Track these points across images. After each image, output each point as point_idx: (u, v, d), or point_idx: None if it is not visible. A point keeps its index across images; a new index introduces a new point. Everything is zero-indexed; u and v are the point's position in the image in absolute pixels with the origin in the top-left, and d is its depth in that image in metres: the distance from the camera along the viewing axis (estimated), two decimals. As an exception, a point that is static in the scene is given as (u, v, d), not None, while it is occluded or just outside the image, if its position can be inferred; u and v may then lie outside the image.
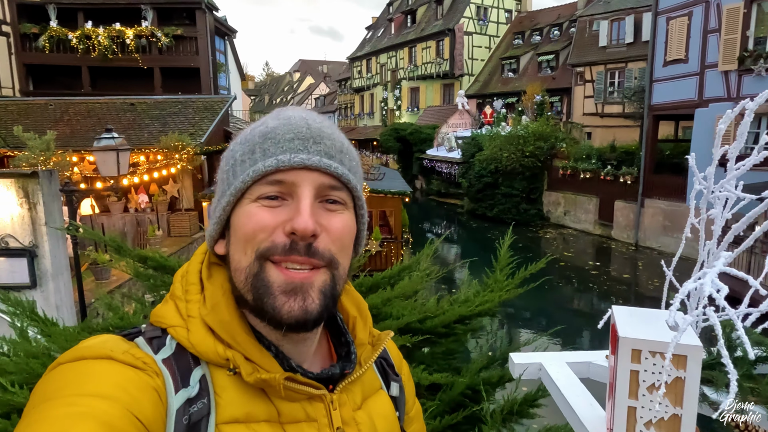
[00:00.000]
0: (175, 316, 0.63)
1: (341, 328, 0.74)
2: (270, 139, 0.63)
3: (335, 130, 0.68)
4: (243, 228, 0.61)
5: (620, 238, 17.85)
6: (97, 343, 0.58)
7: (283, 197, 0.62)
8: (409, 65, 35.80)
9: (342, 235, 0.63)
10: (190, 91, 15.67)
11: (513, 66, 29.86)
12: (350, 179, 0.64)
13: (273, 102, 71.40)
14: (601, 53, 23.28)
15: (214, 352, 0.60)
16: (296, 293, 0.60)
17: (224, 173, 0.66)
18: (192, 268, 0.68)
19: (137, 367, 0.56)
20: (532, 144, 20.34)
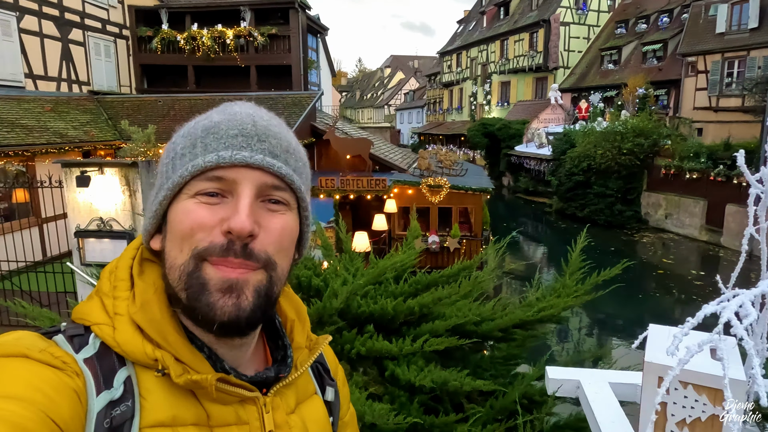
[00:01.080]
0: (100, 314, 0.60)
1: (279, 332, 0.72)
2: (213, 133, 0.61)
3: (283, 128, 0.66)
4: (180, 225, 0.60)
5: (731, 246, 16.05)
6: (10, 340, 0.54)
7: (223, 194, 0.60)
8: (501, 59, 34.79)
9: (281, 236, 0.62)
10: (282, 88, 16.40)
11: (614, 57, 27.93)
12: (294, 180, 0.63)
13: (364, 97, 72.82)
14: (719, 40, 21.04)
15: (141, 352, 0.58)
16: (231, 291, 0.58)
17: (164, 166, 0.64)
18: (122, 263, 0.65)
19: (56, 367, 0.53)
20: (630, 141, 18.88)
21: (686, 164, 17.70)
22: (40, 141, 10.46)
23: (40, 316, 2.45)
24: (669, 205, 18.71)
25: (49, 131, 11.13)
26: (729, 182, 16.20)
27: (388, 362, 2.42)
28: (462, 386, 2.25)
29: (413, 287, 2.93)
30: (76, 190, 6.10)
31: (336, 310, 2.45)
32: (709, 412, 0.89)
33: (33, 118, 11.23)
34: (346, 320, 2.56)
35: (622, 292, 2.61)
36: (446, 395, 2.42)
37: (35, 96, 12.41)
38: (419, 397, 2.34)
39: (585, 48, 30.99)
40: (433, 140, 41.97)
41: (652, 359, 0.92)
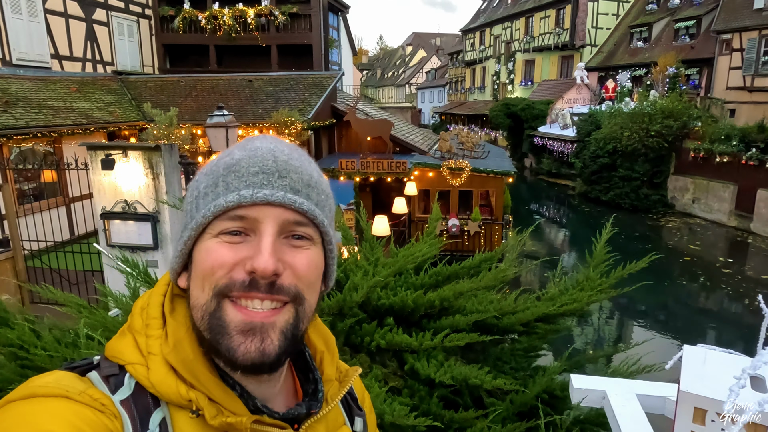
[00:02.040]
0: (134, 353, 0.61)
1: (309, 364, 0.72)
2: (234, 172, 0.60)
3: (305, 161, 0.65)
4: (202, 264, 0.60)
5: (762, 233, 15.59)
6: (51, 381, 0.55)
7: (246, 233, 0.60)
8: (525, 36, 33.91)
9: (307, 272, 0.61)
10: (303, 68, 16.31)
11: (644, 34, 26.97)
12: (316, 215, 0.62)
13: (385, 76, 72.08)
14: (756, 16, 20.11)
15: (175, 393, 0.58)
16: (254, 334, 0.57)
17: (188, 205, 0.64)
18: (153, 300, 0.65)
19: (95, 409, 0.54)
20: (659, 122, 18.32)
21: (717, 147, 17.14)
22: (67, 122, 10.65)
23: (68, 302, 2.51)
24: (697, 189, 18.21)
25: (75, 112, 11.31)
26: (762, 166, 15.65)
27: (408, 356, 2.41)
28: (483, 384, 2.23)
29: (434, 278, 2.91)
30: (101, 173, 6.20)
31: (356, 303, 2.44)
32: (748, 447, 0.84)
33: (59, 99, 11.41)
34: (366, 312, 2.55)
35: (646, 278, 2.54)
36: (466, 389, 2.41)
37: (61, 76, 12.59)
38: (439, 391, 2.33)
39: (614, 25, 29.99)
40: (454, 120, 41.45)
41: (688, 389, 0.88)
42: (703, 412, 0.90)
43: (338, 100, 14.71)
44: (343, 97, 16.57)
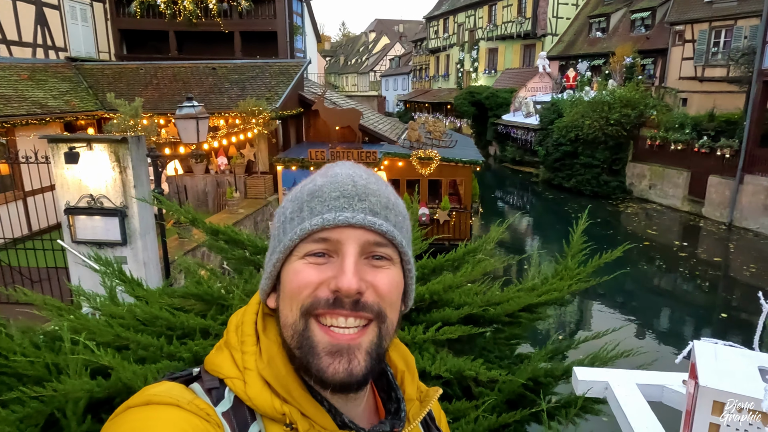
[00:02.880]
0: (231, 367, 0.65)
1: (392, 384, 0.74)
2: (317, 197, 0.64)
3: (382, 185, 0.69)
4: (289, 284, 0.64)
5: (712, 217, 16.44)
6: (163, 391, 0.60)
7: (330, 254, 0.63)
8: (489, 25, 34.23)
9: (389, 291, 0.64)
10: (267, 55, 15.96)
11: (602, 24, 27.70)
12: (395, 236, 0.64)
13: (348, 63, 71.38)
14: (707, 9, 20.95)
15: (271, 407, 0.62)
16: (341, 355, 0.61)
17: (275, 229, 0.69)
18: (247, 318, 0.70)
19: (202, 418, 0.59)
20: (618, 111, 18.95)
21: (671, 135, 17.88)
22: (20, 111, 10.11)
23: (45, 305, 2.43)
24: (653, 175, 18.99)
25: (28, 101, 10.74)
26: (712, 154, 16.45)
27: (402, 350, 2.44)
28: (478, 375, 2.30)
29: (420, 272, 2.95)
30: (65, 167, 5.95)
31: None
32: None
33: (10, 87, 10.80)
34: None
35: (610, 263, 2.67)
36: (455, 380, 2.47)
37: (10, 63, 11.90)
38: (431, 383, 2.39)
39: (573, 15, 30.63)
40: (419, 108, 41.57)
41: (708, 384, 0.95)
42: (722, 404, 0.97)
43: (305, 89, 14.51)
44: (309, 85, 16.36)
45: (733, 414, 0.96)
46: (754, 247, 14.15)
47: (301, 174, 11.83)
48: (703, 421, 1.00)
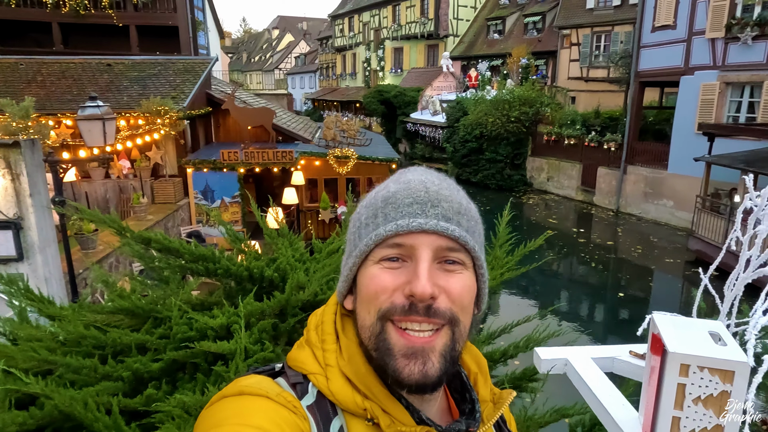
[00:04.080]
0: (314, 364, 0.67)
1: (466, 385, 0.76)
2: (391, 203, 0.66)
3: (454, 190, 0.70)
4: (366, 289, 0.66)
5: (602, 204, 18.17)
6: (254, 383, 0.63)
7: (404, 259, 0.65)
8: (393, 24, 34.92)
9: (461, 295, 0.65)
10: (168, 51, 15.06)
11: (499, 27, 29.38)
12: (468, 241, 0.66)
13: (251, 60, 69.19)
14: (588, 15, 23.02)
15: (352, 402, 0.64)
16: (416, 357, 0.62)
17: (351, 235, 0.71)
18: (327, 318, 0.72)
19: (289, 409, 0.61)
20: (517, 109, 20.27)
21: (564, 131, 19.47)
22: None
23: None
24: (550, 168, 20.56)
25: None
26: (600, 147, 18.17)
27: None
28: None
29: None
30: (-57, 176, 5.24)
31: (302, 302, 2.45)
32: (720, 389, 1.09)
33: None
34: (305, 310, 2.56)
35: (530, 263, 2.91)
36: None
37: None
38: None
39: (473, 17, 32.16)
40: (327, 106, 41.41)
41: (675, 350, 1.09)
42: (687, 366, 1.13)
43: (212, 87, 13.90)
44: (216, 83, 15.69)
45: (697, 374, 1.12)
46: (637, 230, 15.86)
47: (214, 176, 11.34)
48: (671, 383, 1.14)
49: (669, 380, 1.15)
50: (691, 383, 1.13)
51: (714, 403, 1.12)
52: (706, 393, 1.12)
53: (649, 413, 1.27)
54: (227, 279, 2.61)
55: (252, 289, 2.40)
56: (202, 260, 2.55)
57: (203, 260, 2.54)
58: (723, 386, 1.11)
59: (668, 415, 1.16)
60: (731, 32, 13.50)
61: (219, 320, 2.09)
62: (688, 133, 14.55)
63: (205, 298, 2.54)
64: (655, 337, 1.26)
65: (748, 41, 13.16)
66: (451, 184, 0.72)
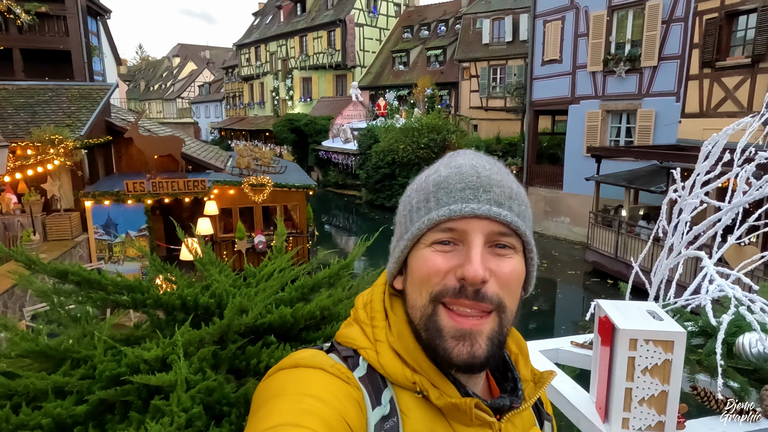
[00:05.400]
0: (363, 339, 0.70)
1: (509, 365, 0.78)
2: (443, 188, 0.67)
3: (504, 175, 0.71)
4: (419, 271, 0.67)
5: (509, 223, 19.28)
6: (308, 356, 0.66)
7: (455, 243, 0.66)
8: (301, 55, 35.19)
9: (510, 280, 0.67)
10: (59, 77, 13.96)
11: (403, 59, 30.69)
12: (519, 225, 0.67)
13: (150, 89, 65.96)
14: (485, 50, 24.79)
15: (402, 375, 0.66)
16: (465, 339, 0.64)
17: (402, 217, 0.73)
18: (376, 297, 0.74)
19: (343, 380, 0.63)
20: (426, 136, 21.15)
21: (470, 156, 20.57)
22: None
23: None
24: (459, 191, 21.53)
25: None
26: (503, 170, 19.40)
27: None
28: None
29: (299, 291, 2.97)
30: None
31: (243, 326, 2.38)
32: (663, 358, 1.24)
33: None
34: (243, 335, 2.49)
35: None
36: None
37: None
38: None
39: (378, 49, 33.34)
40: (235, 136, 40.43)
41: (624, 326, 1.23)
42: (635, 341, 1.27)
43: (112, 115, 13.07)
44: (116, 111, 14.77)
45: (643, 346, 1.26)
46: (540, 246, 16.95)
47: (117, 208, 10.57)
48: (622, 357, 1.28)
49: (620, 355, 1.29)
50: (639, 355, 1.27)
51: (659, 372, 1.27)
52: (652, 363, 1.27)
53: (602, 390, 1.40)
54: (156, 309, 2.47)
55: (184, 319, 2.29)
56: (129, 291, 2.40)
57: (129, 291, 2.40)
58: (665, 355, 1.26)
59: (621, 387, 1.29)
60: (608, 66, 15.25)
61: (154, 352, 1.96)
62: (578, 155, 16.06)
63: (130, 333, 2.38)
64: (602, 320, 1.40)
65: (622, 74, 14.93)
66: (501, 168, 0.72)
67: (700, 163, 1.24)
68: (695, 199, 1.32)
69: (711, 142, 1.15)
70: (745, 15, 10.93)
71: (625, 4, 14.83)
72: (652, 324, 1.28)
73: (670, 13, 13.74)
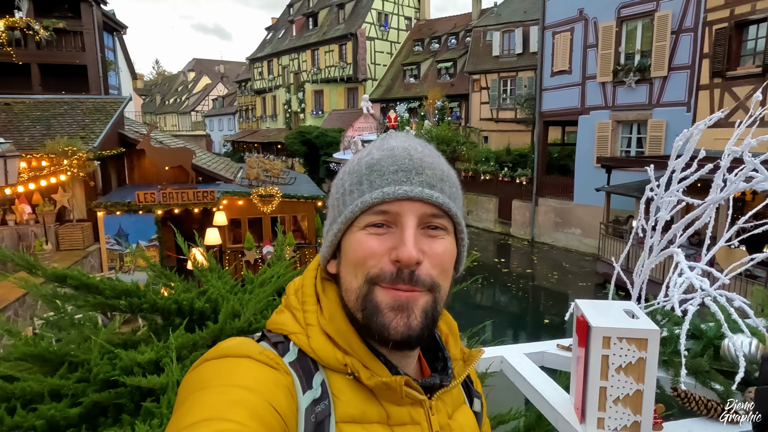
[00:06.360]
0: (294, 324, 0.69)
1: (439, 344, 0.79)
2: (376, 171, 0.68)
3: (436, 157, 0.72)
4: (353, 254, 0.67)
5: (518, 235, 19.22)
6: (236, 344, 0.64)
7: (389, 225, 0.67)
8: (312, 68, 35.61)
9: (443, 259, 0.68)
10: (75, 91, 14.29)
11: (414, 72, 30.89)
12: (450, 207, 0.68)
13: (166, 102, 67.15)
14: (495, 62, 24.86)
15: (333, 358, 0.66)
16: (402, 310, 0.65)
17: (335, 201, 0.72)
18: (307, 282, 0.74)
19: (272, 367, 0.62)
20: (436, 147, 21.14)
21: (480, 167, 20.58)
22: None
23: None
24: (470, 203, 21.52)
25: None
26: (513, 182, 19.36)
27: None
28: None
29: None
30: None
31: (237, 330, 2.40)
32: (637, 356, 1.23)
33: None
34: (239, 339, 2.50)
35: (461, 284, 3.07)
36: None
37: None
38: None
39: (389, 62, 33.62)
40: (248, 148, 40.88)
41: (598, 324, 1.22)
42: (608, 339, 1.26)
43: (126, 127, 13.31)
44: (129, 124, 15.05)
45: (617, 344, 1.25)
46: (551, 258, 16.88)
47: (128, 219, 10.72)
48: (596, 355, 1.27)
49: (594, 353, 1.28)
50: (612, 354, 1.26)
51: (633, 370, 1.26)
52: (626, 361, 1.26)
53: (579, 390, 1.39)
54: (153, 314, 2.50)
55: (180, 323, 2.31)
56: (125, 295, 2.43)
57: (126, 295, 2.43)
58: (639, 353, 1.25)
59: (596, 387, 1.27)
60: (618, 77, 15.20)
61: (147, 355, 1.98)
62: (589, 166, 15.96)
63: (128, 337, 2.41)
64: (579, 319, 1.39)
65: (632, 85, 14.86)
66: (433, 150, 0.73)
67: (672, 160, 1.24)
68: (671, 197, 1.31)
69: (682, 137, 1.15)
70: (755, 24, 10.86)
71: (634, 14, 14.81)
72: (627, 322, 1.27)
73: (680, 23, 13.69)
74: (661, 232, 1.44)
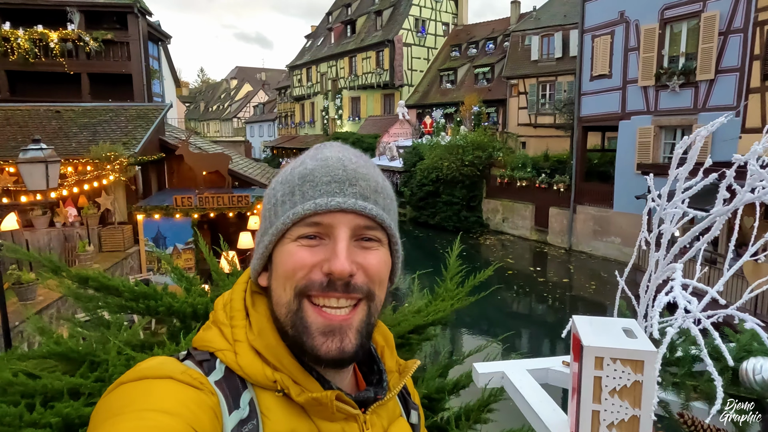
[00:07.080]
0: (221, 341, 0.66)
1: (375, 357, 0.77)
2: (308, 181, 0.66)
3: (371, 168, 0.71)
4: (283, 266, 0.65)
5: (555, 243, 18.73)
6: (156, 365, 0.61)
7: (321, 237, 0.65)
8: (350, 75, 35.98)
9: (378, 271, 0.67)
10: (121, 99, 14.94)
11: (451, 77, 30.73)
12: (384, 219, 0.67)
13: (209, 109, 69.28)
14: (533, 67, 24.43)
15: (262, 375, 0.64)
16: (334, 335, 0.63)
17: (266, 211, 0.70)
18: (236, 296, 0.71)
19: (196, 387, 0.59)
20: (471, 153, 20.97)
21: (516, 173, 20.22)
22: None
23: None
24: (505, 210, 21.16)
25: None
26: (550, 188, 18.91)
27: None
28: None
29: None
30: None
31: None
32: (632, 379, 1.14)
33: None
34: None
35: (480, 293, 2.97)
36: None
37: None
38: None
39: (426, 68, 33.59)
40: (286, 154, 41.62)
41: (590, 343, 1.14)
42: (601, 359, 1.18)
43: (166, 134, 13.79)
44: (170, 130, 15.59)
45: (610, 365, 1.17)
46: (589, 267, 16.36)
47: (166, 222, 11.07)
48: (588, 377, 1.19)
49: (586, 374, 1.20)
50: (606, 375, 1.18)
51: (628, 394, 1.17)
52: (621, 384, 1.17)
53: (573, 413, 1.31)
54: (170, 317, 2.54)
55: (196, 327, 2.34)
56: (143, 298, 2.48)
57: (144, 298, 2.47)
58: (635, 376, 1.16)
59: (588, 410, 1.19)
60: (660, 81, 14.64)
61: (158, 357, 2.00)
62: (629, 173, 15.41)
63: (147, 339, 2.46)
64: (575, 336, 1.31)
65: (675, 88, 14.28)
66: (368, 161, 0.72)
67: (672, 168, 1.15)
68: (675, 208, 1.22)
69: (683, 145, 1.07)
70: (811, 24, 10.25)
71: (678, 16, 14.24)
72: (621, 342, 1.19)
73: (728, 24, 13.06)
74: (668, 245, 1.35)
